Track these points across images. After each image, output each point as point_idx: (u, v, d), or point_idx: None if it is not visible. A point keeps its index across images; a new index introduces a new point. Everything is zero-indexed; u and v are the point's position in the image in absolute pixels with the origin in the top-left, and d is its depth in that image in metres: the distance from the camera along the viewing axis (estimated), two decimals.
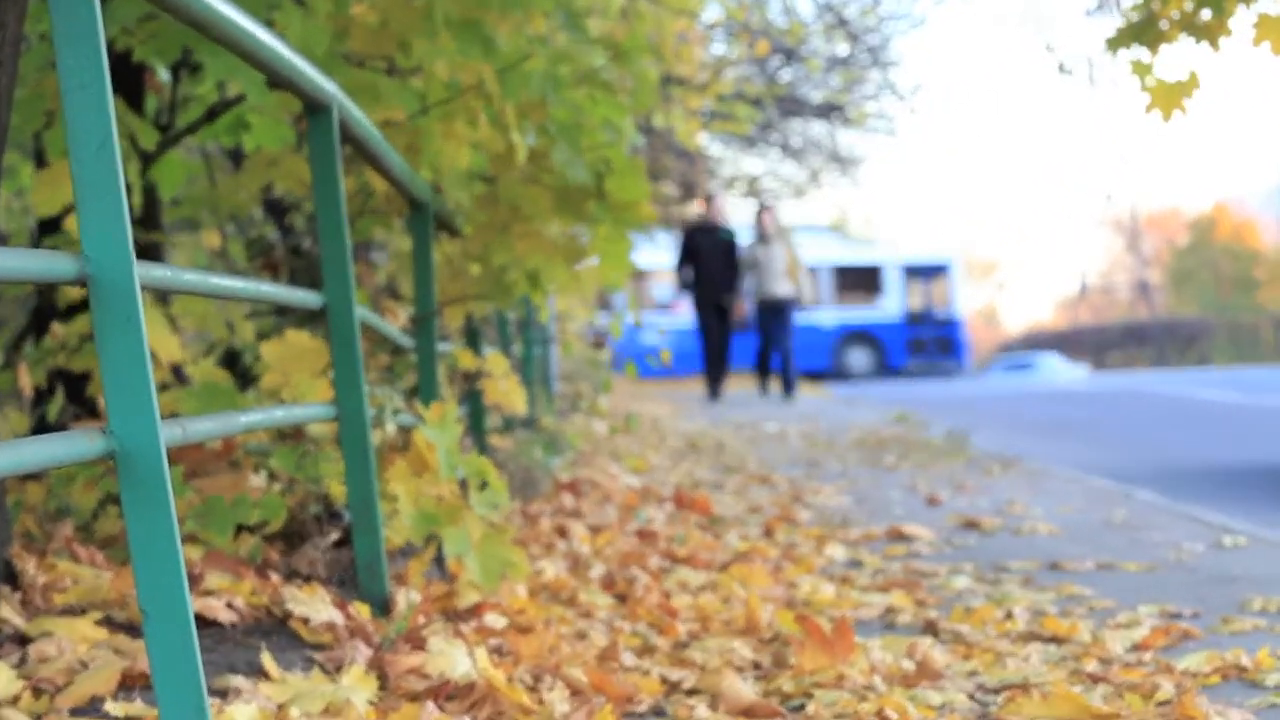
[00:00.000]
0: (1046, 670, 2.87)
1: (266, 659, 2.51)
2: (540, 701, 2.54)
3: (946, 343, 26.23)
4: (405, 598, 2.96)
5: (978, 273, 63.64)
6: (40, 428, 3.59)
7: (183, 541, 2.96)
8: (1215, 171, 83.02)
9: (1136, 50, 3.60)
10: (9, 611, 2.62)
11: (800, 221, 26.10)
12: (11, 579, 2.83)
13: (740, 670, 2.93)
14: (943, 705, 2.66)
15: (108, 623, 2.71)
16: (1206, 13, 3.63)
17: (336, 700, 2.39)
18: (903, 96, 14.83)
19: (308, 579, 3.13)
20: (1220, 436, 9.55)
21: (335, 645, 2.75)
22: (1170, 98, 3.49)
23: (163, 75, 3.81)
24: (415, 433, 3.25)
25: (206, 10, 2.13)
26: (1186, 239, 50.53)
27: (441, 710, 2.45)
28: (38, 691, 2.35)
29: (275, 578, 3.00)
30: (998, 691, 2.76)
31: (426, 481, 3.20)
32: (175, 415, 3.16)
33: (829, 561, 4.43)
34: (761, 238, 14.35)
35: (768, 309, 14.29)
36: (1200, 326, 37.71)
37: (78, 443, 1.67)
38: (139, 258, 1.76)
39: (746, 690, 2.73)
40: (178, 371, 3.57)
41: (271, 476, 3.42)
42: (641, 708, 2.68)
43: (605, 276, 4.27)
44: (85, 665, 2.42)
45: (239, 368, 3.94)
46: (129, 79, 3.64)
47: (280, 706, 2.35)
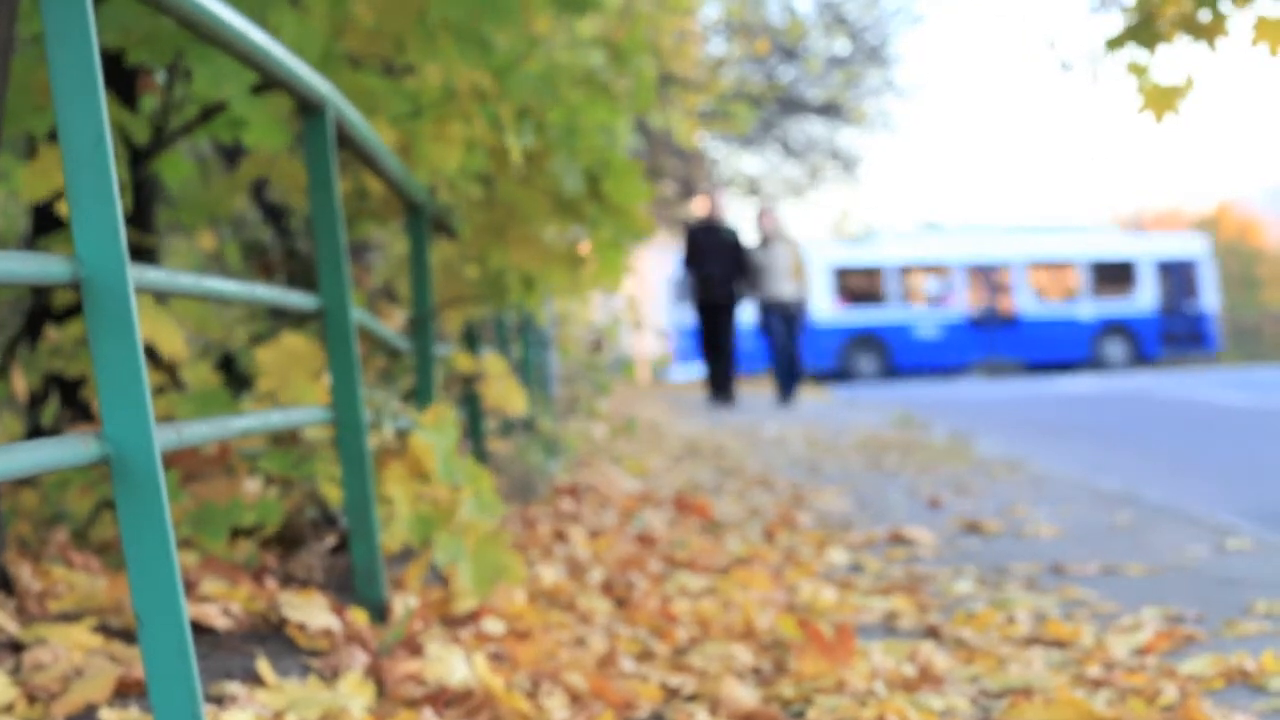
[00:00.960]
0: (1049, 675, 2.85)
1: (263, 665, 2.49)
2: (539, 708, 2.52)
3: (1197, 334, 26.67)
4: (403, 603, 2.94)
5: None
6: (35, 433, 3.56)
7: (178, 547, 2.93)
8: (1218, 171, 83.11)
9: (1134, 50, 3.59)
10: (3, 618, 2.60)
11: (1058, 219, 26.96)
12: (6, 585, 2.80)
13: (740, 676, 2.90)
14: (944, 710, 2.64)
15: (103, 629, 2.68)
16: (1205, 13, 3.61)
17: (333, 707, 2.36)
18: (902, 94, 14.81)
19: (304, 584, 3.11)
20: (1224, 438, 9.53)
21: (332, 651, 2.72)
22: (1164, 100, 3.48)
23: (158, 77, 3.79)
24: (412, 436, 3.22)
25: (198, 10, 2.11)
26: None
27: (439, 717, 2.43)
28: (32, 699, 2.33)
29: (271, 583, 2.98)
30: (1000, 696, 2.74)
31: (423, 485, 3.17)
32: (170, 419, 3.13)
33: (830, 565, 4.41)
34: (764, 240, 14.19)
35: (773, 311, 14.14)
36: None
37: (72, 447, 1.66)
38: (133, 259, 1.75)
39: (746, 696, 2.71)
40: (173, 375, 3.55)
41: (267, 481, 3.39)
42: (641, 714, 2.66)
43: (601, 280, 4.24)
44: (80, 672, 2.40)
45: (235, 371, 3.92)
46: (123, 78, 3.62)
47: (277, 713, 2.33)
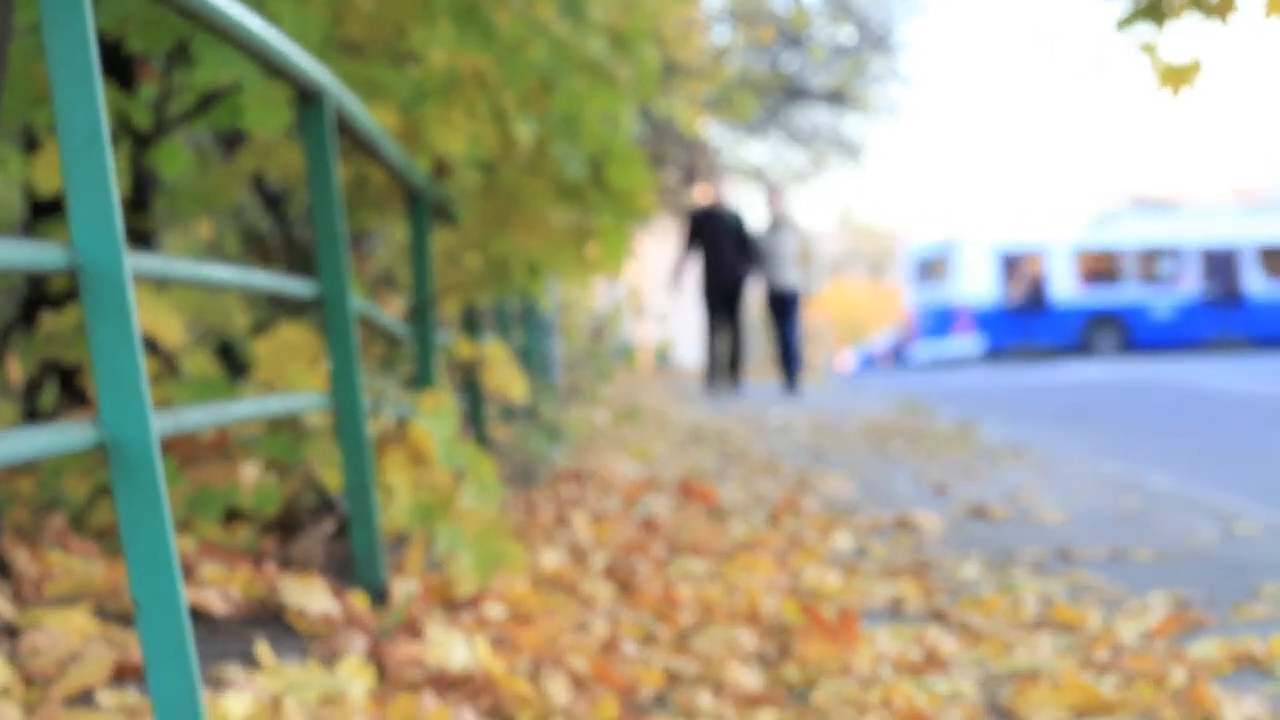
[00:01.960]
0: (1056, 659, 2.83)
1: (262, 649, 2.47)
2: (541, 692, 2.50)
3: None
4: (402, 587, 2.92)
5: None
6: (32, 419, 3.55)
7: (176, 532, 2.92)
8: (1228, 161, 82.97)
9: (1144, 29, 3.56)
10: (1, 603, 2.59)
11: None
12: (3, 570, 2.79)
13: (744, 660, 2.88)
14: (951, 694, 2.61)
15: (100, 614, 2.67)
16: None
17: (333, 691, 2.35)
18: (907, 81, 14.72)
19: (303, 569, 3.09)
20: (1232, 423, 9.50)
21: (331, 635, 2.70)
22: (1179, 77, 3.46)
23: (156, 64, 3.77)
24: (412, 423, 3.21)
25: None
26: None
27: (440, 700, 2.41)
28: (30, 683, 2.32)
29: (270, 568, 2.96)
30: (1007, 680, 2.72)
31: (423, 471, 3.16)
32: (168, 406, 3.11)
33: (835, 550, 4.38)
34: (772, 223, 13.73)
35: (776, 299, 13.78)
36: None
37: (68, 434, 1.65)
38: (132, 244, 1.74)
39: (750, 680, 2.69)
40: (170, 362, 3.53)
41: (266, 466, 3.38)
42: (644, 698, 2.64)
43: (604, 265, 4.21)
44: (77, 657, 2.39)
45: (233, 358, 3.90)
46: (121, 64, 3.60)
47: (275, 697, 2.31)
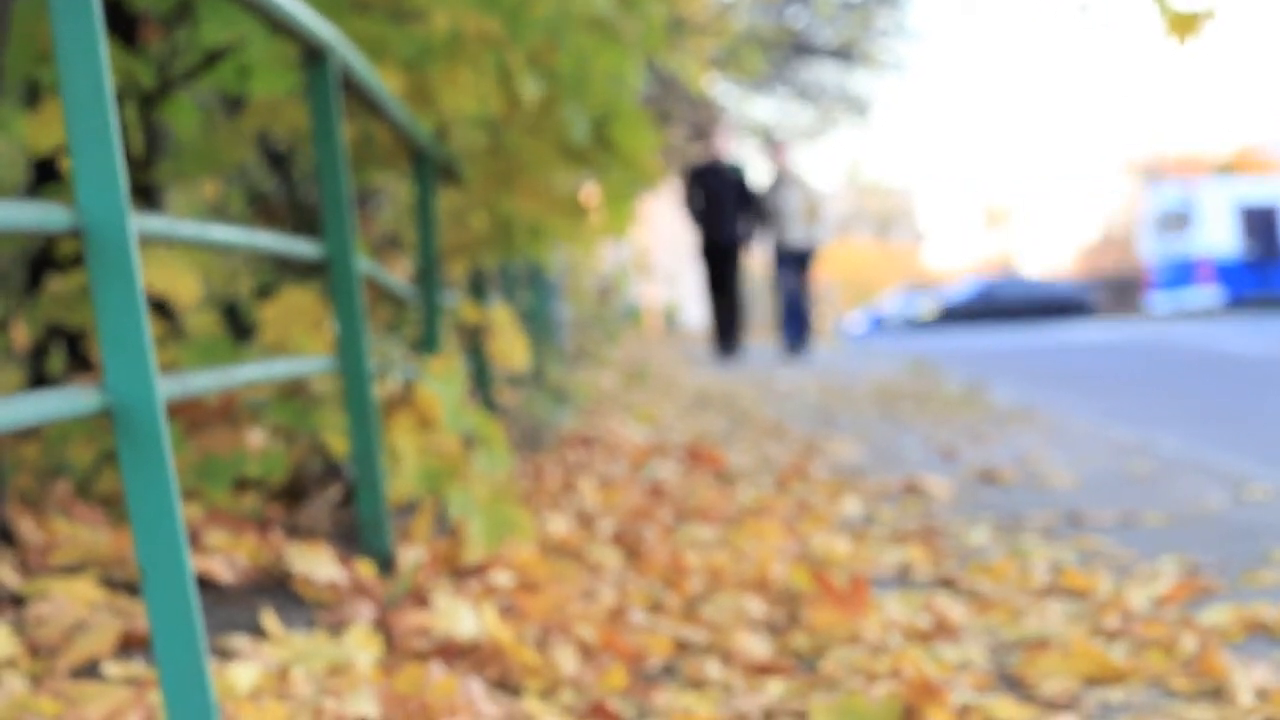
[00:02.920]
0: (1066, 625, 2.81)
1: (268, 618, 2.46)
2: (548, 661, 2.49)
3: None
4: (409, 555, 2.90)
5: (993, 220, 63.53)
6: (37, 384, 3.53)
7: (182, 499, 2.90)
8: (1237, 117, 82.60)
9: None
10: (5, 572, 2.57)
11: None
12: (7, 538, 2.78)
13: (753, 627, 2.87)
14: (960, 662, 2.60)
15: (106, 582, 2.66)
16: None
17: (340, 659, 2.34)
18: (914, 36, 14.56)
19: (310, 536, 3.08)
20: (1242, 386, 9.46)
21: (338, 604, 2.69)
22: (1186, 25, 3.42)
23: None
24: (418, 386, 3.18)
25: None
26: None
27: (448, 669, 2.39)
28: (35, 652, 2.30)
29: (277, 535, 2.94)
30: (1016, 647, 2.70)
31: (431, 436, 3.14)
32: (173, 369, 3.09)
33: (843, 516, 4.37)
34: (777, 179, 13.15)
35: (787, 257, 13.25)
36: None
37: (73, 399, 1.64)
38: (138, 202, 1.71)
39: (759, 647, 2.67)
40: (175, 324, 3.51)
41: (272, 433, 3.36)
42: (652, 666, 2.62)
43: (608, 228, 4.18)
44: (83, 626, 2.37)
45: (238, 321, 3.88)
46: (125, 22, 3.56)
47: (282, 666, 2.30)
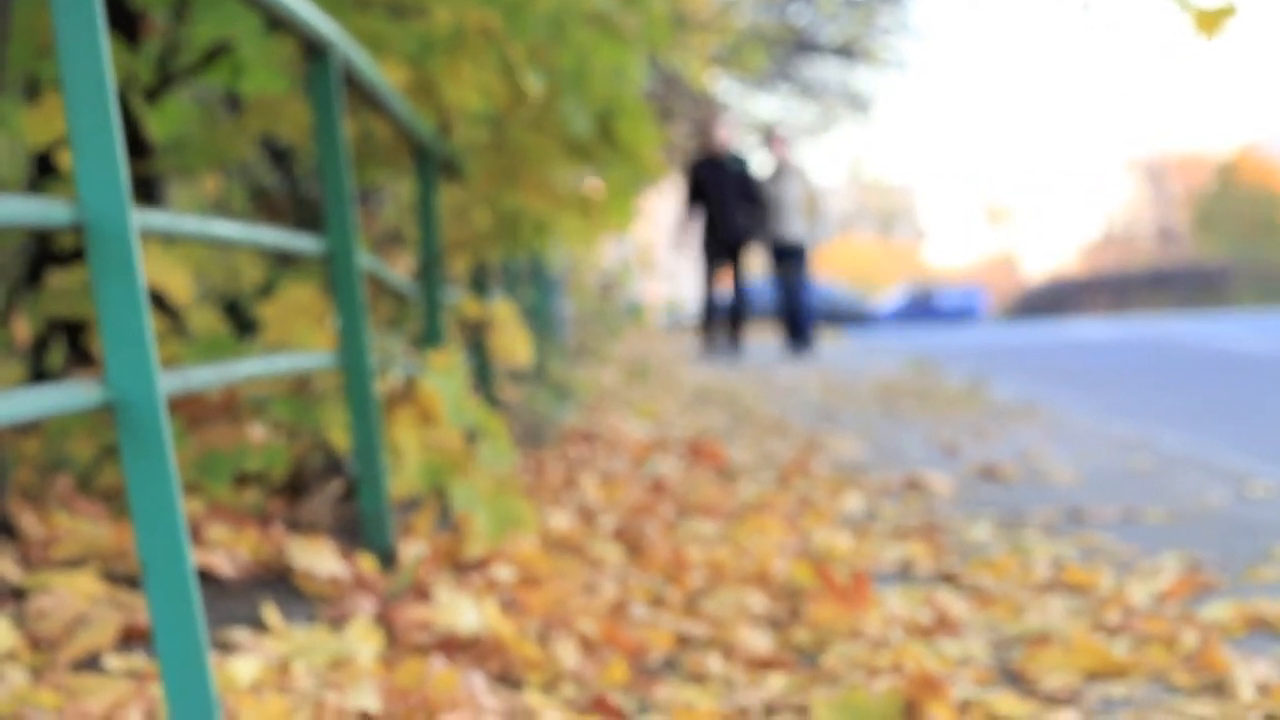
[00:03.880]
0: (1067, 621, 2.81)
1: (269, 612, 2.46)
2: (549, 655, 2.49)
3: None
4: (411, 550, 2.91)
5: (994, 217, 63.50)
6: (38, 378, 3.53)
7: (183, 493, 2.90)
8: (1240, 115, 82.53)
9: None
10: (6, 566, 2.57)
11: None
12: (9, 532, 2.78)
13: (754, 622, 2.87)
14: (962, 657, 2.60)
15: (107, 576, 2.66)
16: None
17: (341, 654, 2.34)
18: (917, 34, 14.56)
19: (311, 531, 3.08)
20: (1242, 383, 9.45)
21: (339, 598, 2.69)
22: (1212, 21, 3.42)
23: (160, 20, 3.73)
24: (420, 381, 3.18)
25: None
26: (1211, 183, 50.29)
27: (449, 663, 2.39)
28: (36, 646, 2.30)
29: (278, 530, 2.94)
30: (1018, 643, 2.70)
31: (432, 431, 3.14)
32: (174, 364, 3.09)
33: (845, 511, 4.37)
34: (776, 170, 12.83)
35: (781, 252, 12.94)
36: (1224, 271, 37.63)
37: (75, 393, 1.64)
38: (139, 196, 1.72)
39: (760, 642, 2.67)
40: (177, 320, 3.51)
41: (274, 428, 3.36)
42: (653, 661, 2.63)
43: (610, 225, 4.18)
44: (84, 619, 2.37)
45: (240, 316, 3.88)
46: (126, 18, 3.57)
47: (283, 660, 2.30)
